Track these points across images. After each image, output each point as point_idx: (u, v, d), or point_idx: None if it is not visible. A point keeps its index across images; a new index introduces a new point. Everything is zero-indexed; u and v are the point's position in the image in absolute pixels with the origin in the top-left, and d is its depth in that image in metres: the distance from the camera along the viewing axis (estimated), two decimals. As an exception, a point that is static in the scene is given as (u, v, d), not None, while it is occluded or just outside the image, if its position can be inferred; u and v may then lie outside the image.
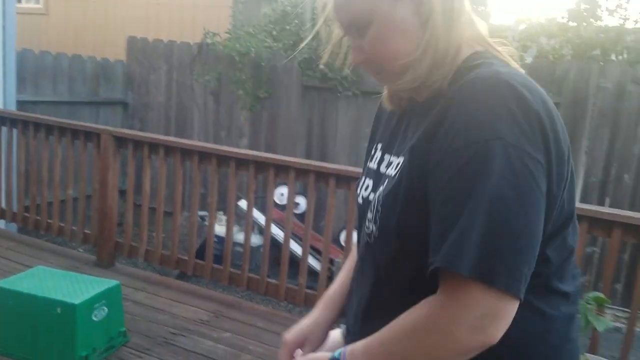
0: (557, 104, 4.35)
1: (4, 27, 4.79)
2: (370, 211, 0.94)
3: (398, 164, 0.91)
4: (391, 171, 0.93)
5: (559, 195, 0.81)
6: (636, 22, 5.89)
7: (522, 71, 0.88)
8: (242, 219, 4.19)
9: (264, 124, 5.71)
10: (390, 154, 0.98)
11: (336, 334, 1.13)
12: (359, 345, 0.87)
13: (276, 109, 5.61)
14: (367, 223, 0.95)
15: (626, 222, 2.28)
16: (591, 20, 6.01)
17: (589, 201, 4.27)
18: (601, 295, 2.18)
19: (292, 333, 1.09)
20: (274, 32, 5.80)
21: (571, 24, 5.91)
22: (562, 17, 5.99)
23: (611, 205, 4.20)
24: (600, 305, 2.18)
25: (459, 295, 0.76)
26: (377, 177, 0.98)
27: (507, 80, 0.78)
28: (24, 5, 9.08)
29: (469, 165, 0.76)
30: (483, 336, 0.76)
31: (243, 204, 4.40)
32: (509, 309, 0.76)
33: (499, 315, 0.76)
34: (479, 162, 0.75)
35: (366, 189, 1.01)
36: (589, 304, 2.18)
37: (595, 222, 2.34)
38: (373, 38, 0.89)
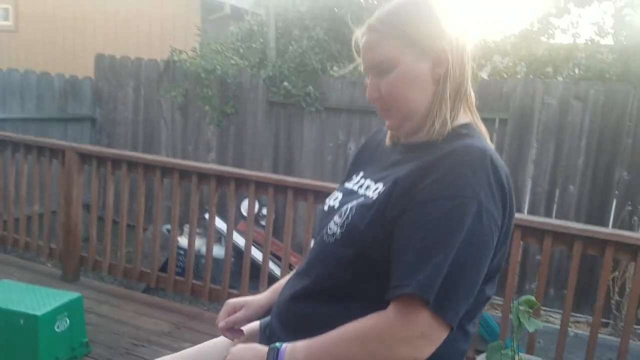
0: (504, 120, 4.59)
1: (-30, 45, 4.84)
2: (340, 216, 1.07)
3: (377, 188, 1.06)
4: (369, 192, 1.07)
5: (497, 248, 0.99)
6: (589, 40, 6.18)
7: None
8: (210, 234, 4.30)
9: (231, 139, 5.85)
10: (371, 179, 1.12)
11: (254, 325, 1.27)
12: (300, 343, 0.98)
13: (243, 124, 5.76)
14: (331, 225, 1.08)
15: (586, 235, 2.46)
16: (543, 38, 6.29)
17: (537, 211, 4.50)
18: (532, 298, 2.35)
19: (234, 299, 1.27)
20: (241, 50, 5.96)
21: (523, 43, 6.19)
22: (515, 36, 6.26)
23: (557, 214, 4.42)
24: (531, 307, 2.35)
25: (409, 316, 0.91)
26: (351, 193, 1.13)
27: (491, 156, 0.97)
28: (-7, 22, 9.10)
29: (448, 215, 0.92)
30: (417, 354, 0.92)
31: (217, 221, 4.51)
32: (441, 337, 0.93)
33: (435, 339, 0.92)
34: (459, 214, 0.92)
35: (334, 199, 1.16)
36: (521, 306, 2.35)
37: (558, 236, 2.50)
38: (391, 83, 1.05)
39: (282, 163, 5.59)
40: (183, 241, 4.28)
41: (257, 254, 4.06)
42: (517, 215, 2.48)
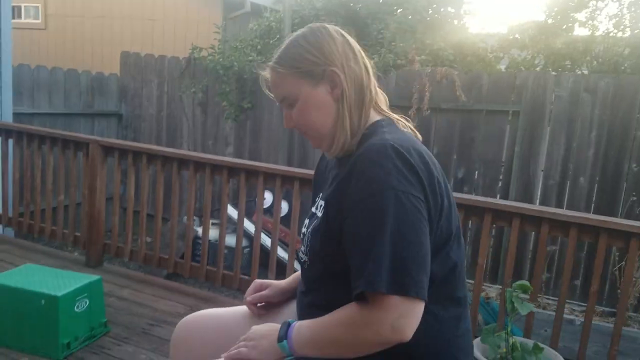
0: (517, 112, 4.63)
1: (0, 44, 5.08)
2: (304, 244, 1.24)
3: (321, 205, 1.21)
4: (318, 212, 1.23)
5: (435, 219, 1.10)
6: (606, 32, 6.15)
7: (408, 131, 1.22)
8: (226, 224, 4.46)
9: (248, 133, 6.01)
10: (320, 197, 1.27)
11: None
12: (306, 322, 1.14)
13: (259, 119, 5.91)
14: (300, 254, 1.26)
15: (582, 222, 2.52)
16: (562, 31, 6.28)
17: (548, 202, 4.53)
18: (526, 283, 2.43)
19: (262, 280, 1.47)
20: (259, 46, 6.10)
21: (542, 36, 6.19)
22: (533, 29, 6.26)
23: (568, 206, 4.45)
24: (525, 292, 2.43)
25: (382, 304, 1.03)
26: (312, 217, 1.27)
27: (392, 145, 1.08)
28: (24, 20, 9.42)
29: (372, 211, 1.05)
30: (400, 334, 1.03)
31: (230, 210, 4.67)
32: (419, 309, 1.04)
33: (411, 315, 1.03)
34: (379, 207, 1.04)
35: (305, 227, 1.29)
36: (515, 291, 2.43)
37: (554, 223, 2.57)
38: (299, 112, 1.21)
39: (296, 157, 5.72)
40: (200, 231, 4.45)
41: (267, 241, 4.21)
42: (542, 208, 2.57)
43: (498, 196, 4.81)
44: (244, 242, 4.43)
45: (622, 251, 3.92)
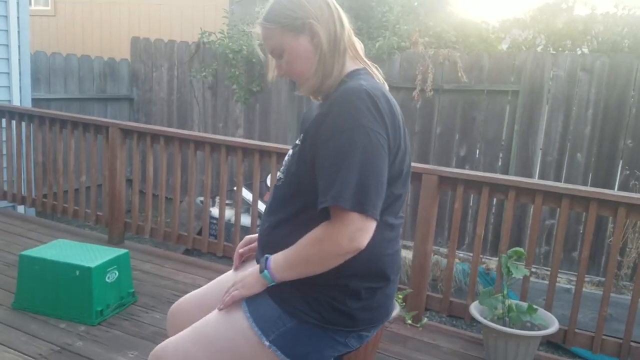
0: (516, 92, 4.81)
1: (18, 32, 5.28)
2: (283, 166, 1.48)
3: (301, 136, 1.43)
4: (298, 141, 1.44)
5: (392, 157, 1.32)
6: (606, 12, 6.26)
7: (379, 80, 1.42)
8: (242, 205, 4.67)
9: (258, 115, 6.21)
10: (301, 132, 1.48)
11: None
12: (280, 252, 1.36)
13: (268, 102, 6.11)
14: (278, 174, 1.50)
15: (573, 194, 2.71)
16: (563, 11, 6.38)
17: (546, 178, 4.73)
18: (520, 249, 2.66)
19: (251, 236, 1.70)
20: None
21: (542, 16, 6.29)
22: (534, 9, 6.36)
23: (565, 181, 4.65)
24: (519, 258, 2.65)
25: (343, 219, 1.25)
26: (294, 146, 1.48)
27: (365, 89, 1.29)
28: (33, 7, 9.57)
29: (345, 142, 1.25)
30: (357, 244, 1.26)
31: (245, 192, 4.88)
32: (371, 227, 1.27)
33: (365, 230, 1.26)
34: (351, 140, 1.25)
35: (287, 155, 1.52)
36: (510, 257, 2.65)
37: (548, 195, 2.77)
38: (286, 61, 1.42)
39: (305, 137, 5.91)
40: (215, 211, 4.68)
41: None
42: (540, 181, 2.77)
43: (498, 173, 5.01)
44: (259, 222, 4.66)
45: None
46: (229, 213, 4.44)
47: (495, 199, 4.65)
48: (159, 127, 4.35)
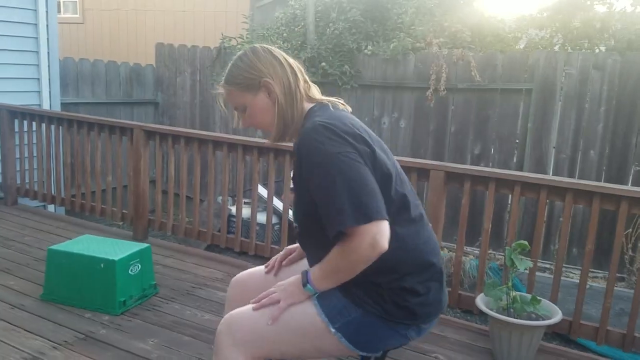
0: (529, 90, 4.86)
1: (48, 40, 5.53)
2: (293, 214, 1.67)
3: (291, 180, 1.63)
4: (294, 189, 1.61)
5: (370, 162, 1.44)
6: (623, 9, 6.24)
7: (333, 105, 1.58)
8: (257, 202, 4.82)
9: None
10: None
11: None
12: (317, 265, 1.51)
13: (287, 103, 6.24)
14: (295, 223, 1.68)
15: (577, 188, 2.77)
16: (580, 9, 6.38)
17: (560, 175, 4.76)
18: (524, 242, 2.73)
19: (290, 247, 1.87)
20: (284, 34, 6.42)
21: (559, 15, 6.31)
22: (551, 9, 6.38)
23: (579, 178, 4.68)
24: (523, 250, 2.73)
25: (357, 233, 1.37)
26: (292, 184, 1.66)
27: (320, 123, 1.44)
28: (63, 15, 9.91)
29: (323, 175, 1.40)
30: (379, 248, 1.37)
31: (260, 189, 5.03)
32: (385, 226, 1.39)
33: (381, 232, 1.38)
34: (327, 171, 1.39)
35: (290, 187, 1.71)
36: (514, 249, 2.73)
37: (552, 190, 2.83)
38: (248, 115, 1.61)
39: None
40: (234, 209, 4.82)
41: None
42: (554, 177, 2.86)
43: (513, 170, 5.05)
44: (274, 219, 4.80)
45: (629, 219, 4.14)
46: (247, 211, 4.58)
47: (524, 198, 4.69)
48: (179, 129, 4.52)
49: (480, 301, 2.83)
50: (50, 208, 5.43)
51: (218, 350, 1.52)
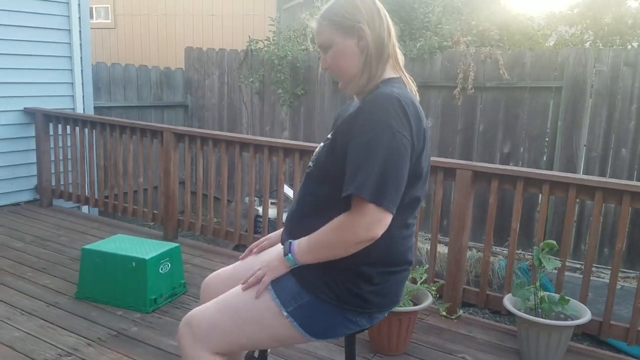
0: (559, 88, 4.79)
1: (80, 45, 5.68)
2: (314, 156, 1.64)
3: (333, 131, 1.58)
4: (329, 135, 1.60)
5: (413, 158, 1.45)
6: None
7: (411, 91, 1.55)
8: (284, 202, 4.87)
9: (302, 118, 6.42)
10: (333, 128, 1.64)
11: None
12: (303, 238, 1.51)
13: (312, 104, 6.30)
14: (310, 163, 1.65)
15: (606, 187, 2.72)
16: (611, 6, 6.25)
17: (591, 174, 4.68)
18: (552, 242, 2.70)
19: (256, 242, 1.88)
20: (311, 35, 6.46)
21: (590, 12, 6.19)
22: (581, 5, 6.26)
23: (611, 177, 4.58)
24: (550, 250, 2.70)
25: (361, 209, 1.39)
26: (325, 140, 1.63)
27: (396, 96, 1.42)
28: (95, 20, 10.15)
29: (372, 139, 1.39)
30: (372, 234, 1.40)
31: (286, 189, 5.09)
32: (387, 219, 1.40)
33: (381, 222, 1.40)
34: (377, 138, 1.39)
35: (318, 147, 1.67)
36: (542, 249, 2.70)
37: (581, 188, 2.79)
38: (331, 56, 1.56)
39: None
40: (260, 210, 4.88)
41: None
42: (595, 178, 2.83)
43: (543, 169, 4.99)
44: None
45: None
46: (273, 211, 4.63)
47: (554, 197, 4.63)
48: (207, 131, 4.61)
49: (508, 301, 2.81)
50: (84, 209, 5.57)
51: (181, 349, 1.55)
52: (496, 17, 6.06)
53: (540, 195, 3.04)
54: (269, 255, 1.61)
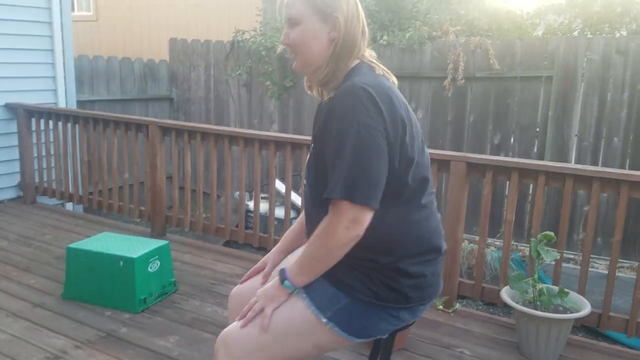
0: (549, 78, 4.76)
1: (62, 38, 5.53)
2: (305, 169, 1.59)
3: (313, 140, 1.53)
4: (311, 147, 1.55)
5: (397, 146, 1.39)
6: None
7: (380, 73, 1.48)
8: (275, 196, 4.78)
9: (291, 110, 6.32)
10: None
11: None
12: (293, 262, 1.46)
13: (301, 96, 6.20)
14: (303, 180, 1.61)
15: (603, 176, 2.69)
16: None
17: (583, 164, 4.65)
18: (550, 233, 2.66)
19: (255, 266, 1.77)
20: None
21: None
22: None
23: (603, 166, 4.57)
24: (549, 241, 2.66)
25: (337, 210, 1.35)
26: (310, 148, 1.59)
27: (361, 86, 1.36)
28: (76, 13, 9.93)
29: (338, 139, 1.35)
30: (354, 232, 1.35)
31: (278, 184, 5.00)
32: (366, 215, 1.35)
33: (360, 219, 1.35)
34: (343, 137, 1.34)
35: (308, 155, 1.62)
36: (540, 240, 2.66)
37: (578, 179, 2.76)
38: (297, 33, 1.48)
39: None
40: (252, 204, 4.79)
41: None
42: (577, 165, 2.79)
43: (534, 159, 4.96)
44: (292, 214, 4.75)
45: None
46: (264, 206, 4.55)
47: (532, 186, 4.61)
48: (195, 124, 4.51)
49: (506, 294, 2.77)
50: (69, 206, 5.45)
51: None
52: (485, 7, 6.01)
53: (531, 185, 3.00)
54: (261, 289, 1.52)
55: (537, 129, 5.00)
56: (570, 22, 6.39)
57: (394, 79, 1.53)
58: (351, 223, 1.33)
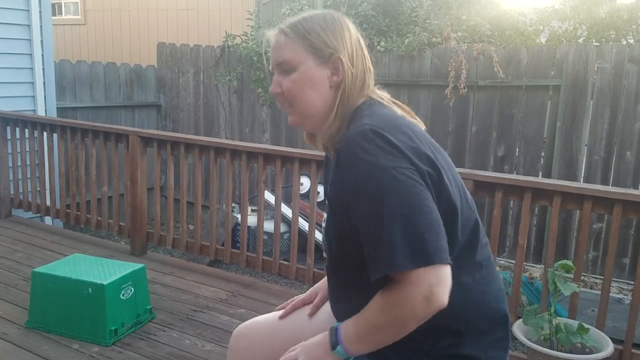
0: (557, 87, 4.49)
1: (42, 42, 5.24)
2: (323, 240, 1.28)
3: (328, 203, 1.22)
4: (326, 210, 1.24)
5: (432, 182, 1.08)
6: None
7: (388, 105, 1.20)
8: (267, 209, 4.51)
9: (284, 119, 6.02)
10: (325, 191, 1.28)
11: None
12: (349, 321, 1.15)
13: (295, 104, 5.91)
14: (323, 246, 1.30)
15: (626, 199, 2.42)
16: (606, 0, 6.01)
17: (593, 179, 4.39)
18: (569, 262, 2.38)
19: (304, 295, 1.53)
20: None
21: (584, 6, 5.94)
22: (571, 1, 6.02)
23: (614, 182, 4.30)
24: (567, 272, 2.38)
25: (411, 280, 1.02)
26: (325, 210, 1.28)
27: (370, 128, 1.08)
28: (64, 16, 9.67)
29: (370, 195, 1.04)
30: (436, 303, 1.02)
31: (267, 195, 4.73)
32: (446, 274, 1.03)
33: (441, 281, 1.02)
34: (376, 189, 1.03)
35: (324, 221, 1.30)
36: (557, 270, 2.38)
37: (598, 201, 2.49)
38: (292, 81, 1.19)
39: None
40: (240, 218, 4.51)
41: (306, 226, 4.23)
42: (585, 185, 2.53)
43: (540, 174, 4.70)
44: (283, 228, 4.47)
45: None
46: (253, 219, 4.26)
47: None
48: (178, 134, 4.21)
49: (519, 330, 2.48)
50: (47, 220, 5.14)
51: None
52: (487, 12, 5.75)
53: (536, 206, 2.72)
54: (307, 342, 1.22)
55: (544, 141, 4.72)
56: (575, 29, 6.16)
57: (406, 108, 1.25)
58: (432, 290, 1.02)
